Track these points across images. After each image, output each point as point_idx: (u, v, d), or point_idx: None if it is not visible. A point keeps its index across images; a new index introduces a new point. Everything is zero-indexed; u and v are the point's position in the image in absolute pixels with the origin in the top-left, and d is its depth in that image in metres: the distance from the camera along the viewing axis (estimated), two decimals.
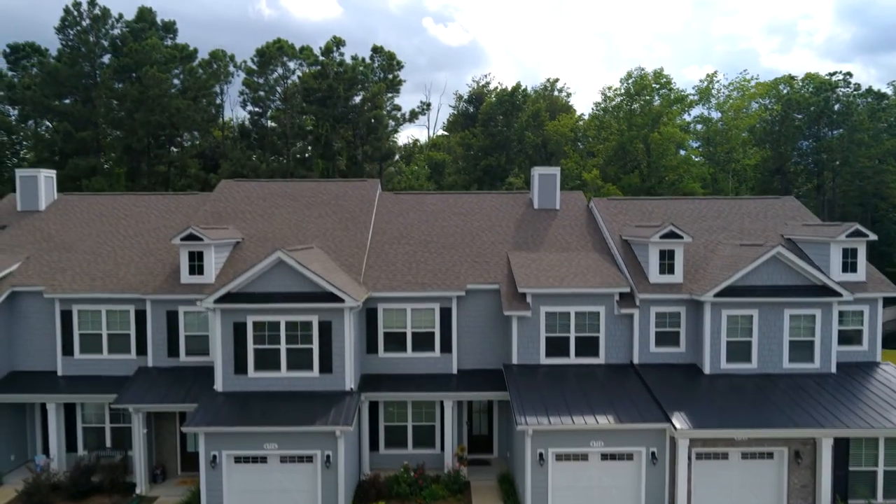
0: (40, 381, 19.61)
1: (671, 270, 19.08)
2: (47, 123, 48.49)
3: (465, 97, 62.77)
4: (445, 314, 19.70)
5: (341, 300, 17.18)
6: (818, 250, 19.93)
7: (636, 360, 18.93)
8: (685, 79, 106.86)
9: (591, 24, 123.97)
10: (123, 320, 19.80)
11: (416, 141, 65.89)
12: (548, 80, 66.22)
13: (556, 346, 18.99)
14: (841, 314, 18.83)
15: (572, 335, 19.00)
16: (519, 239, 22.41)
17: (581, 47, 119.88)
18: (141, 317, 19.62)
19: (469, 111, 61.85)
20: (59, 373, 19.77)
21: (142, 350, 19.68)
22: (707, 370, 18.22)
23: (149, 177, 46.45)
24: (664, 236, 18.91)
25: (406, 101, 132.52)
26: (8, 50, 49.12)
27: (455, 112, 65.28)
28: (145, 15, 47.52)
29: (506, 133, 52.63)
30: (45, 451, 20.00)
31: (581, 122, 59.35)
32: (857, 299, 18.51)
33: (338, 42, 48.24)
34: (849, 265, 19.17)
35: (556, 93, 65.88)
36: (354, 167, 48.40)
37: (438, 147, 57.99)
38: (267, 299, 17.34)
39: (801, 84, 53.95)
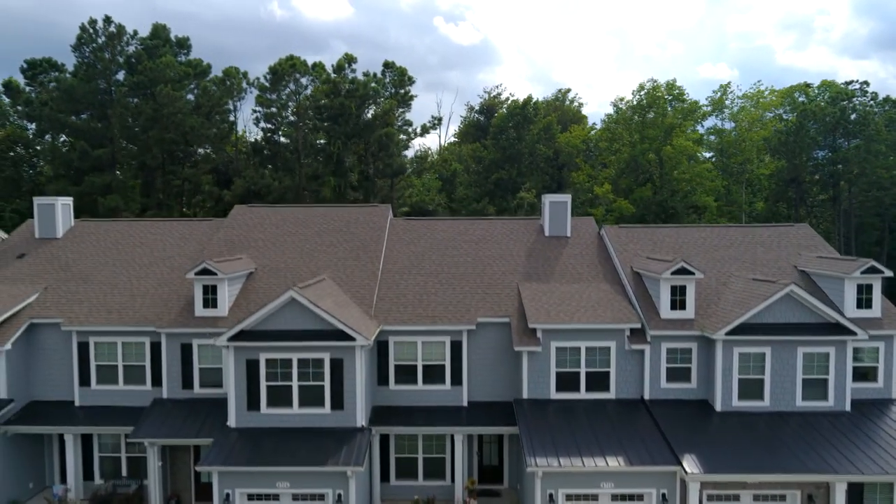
0: (58, 411, 19.96)
1: (682, 306, 18.99)
2: (64, 137, 49.25)
3: (477, 108, 62.82)
4: (456, 347, 19.80)
5: (353, 339, 17.32)
6: (832, 284, 19.74)
7: (647, 396, 18.89)
8: (699, 77, 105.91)
9: (603, 22, 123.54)
10: (139, 352, 20.12)
11: (427, 150, 66.08)
12: (559, 90, 66.02)
13: (567, 382, 19.00)
14: (856, 351, 18.64)
15: (583, 370, 19.01)
16: (529, 269, 22.42)
17: (594, 45, 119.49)
18: (156, 349, 19.92)
19: (480, 121, 61.84)
20: (77, 403, 20.12)
21: (157, 381, 19.98)
22: (718, 407, 18.13)
23: (163, 192, 46.99)
24: (676, 272, 18.82)
25: (417, 100, 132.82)
26: (25, 65, 49.93)
27: (466, 121, 65.30)
28: (159, 32, 48.09)
29: (517, 146, 52.56)
30: (63, 479, 20.36)
31: (593, 133, 59.12)
32: (872, 336, 18.32)
33: (349, 59, 48.53)
34: (864, 301, 18.96)
35: (567, 102, 65.70)
36: (366, 182, 48.65)
37: (448, 161, 57.99)
38: (279, 337, 17.53)
39: (816, 92, 53.31)
